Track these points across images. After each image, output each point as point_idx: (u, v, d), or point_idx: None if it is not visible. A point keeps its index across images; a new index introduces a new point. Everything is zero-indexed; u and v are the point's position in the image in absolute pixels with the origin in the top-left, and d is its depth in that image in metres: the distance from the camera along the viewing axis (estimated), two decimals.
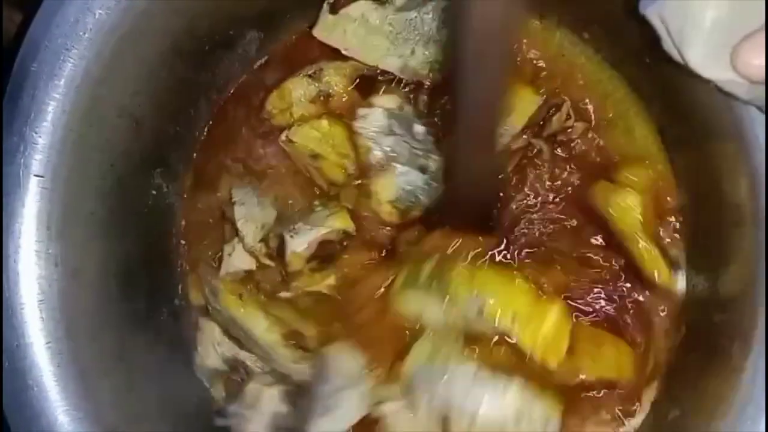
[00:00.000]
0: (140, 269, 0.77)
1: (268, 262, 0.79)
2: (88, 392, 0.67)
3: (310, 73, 0.82)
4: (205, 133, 0.85)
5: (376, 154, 0.78)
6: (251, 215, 0.80)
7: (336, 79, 0.82)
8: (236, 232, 0.80)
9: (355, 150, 0.79)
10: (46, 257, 0.66)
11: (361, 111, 0.78)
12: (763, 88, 0.54)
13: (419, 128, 0.78)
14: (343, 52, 0.81)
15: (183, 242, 0.85)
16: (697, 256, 0.78)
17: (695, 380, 0.72)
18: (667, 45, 0.57)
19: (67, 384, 0.66)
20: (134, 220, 0.77)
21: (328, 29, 0.80)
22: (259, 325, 0.77)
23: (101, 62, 0.67)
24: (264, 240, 0.79)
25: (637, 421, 0.76)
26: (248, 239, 0.79)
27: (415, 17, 0.79)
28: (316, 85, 0.82)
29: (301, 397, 0.76)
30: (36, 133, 0.66)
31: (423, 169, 0.78)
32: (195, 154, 0.85)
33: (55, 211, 0.67)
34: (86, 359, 0.68)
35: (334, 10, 0.80)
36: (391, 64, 0.81)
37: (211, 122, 0.85)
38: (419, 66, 0.81)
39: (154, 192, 0.80)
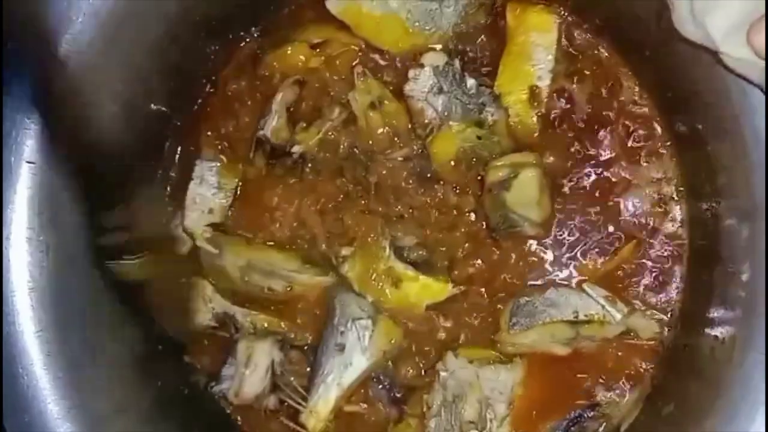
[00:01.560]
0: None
1: (205, 246, 0.79)
2: (78, 381, 0.66)
3: (315, 42, 0.81)
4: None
5: (429, 114, 0.76)
6: (202, 197, 0.80)
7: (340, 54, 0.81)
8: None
9: (409, 113, 0.78)
10: (37, 244, 0.66)
11: (411, 73, 0.76)
12: None
13: (471, 81, 0.77)
14: (353, 30, 0.79)
15: None
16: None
17: (689, 376, 0.72)
18: (680, 20, 0.56)
19: (56, 373, 0.65)
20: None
21: (342, 4, 0.78)
22: (277, 257, 0.79)
23: (94, 48, 0.67)
24: (211, 224, 0.79)
25: None
26: (189, 221, 0.80)
27: (436, 9, 0.78)
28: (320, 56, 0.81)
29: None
30: (28, 118, 0.65)
31: (479, 124, 0.77)
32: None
33: (47, 198, 0.66)
34: (76, 348, 0.67)
35: None
36: (401, 51, 0.79)
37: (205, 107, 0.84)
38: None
39: (148, 179, 0.80)
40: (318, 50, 0.81)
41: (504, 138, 0.78)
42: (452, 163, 0.78)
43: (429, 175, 0.79)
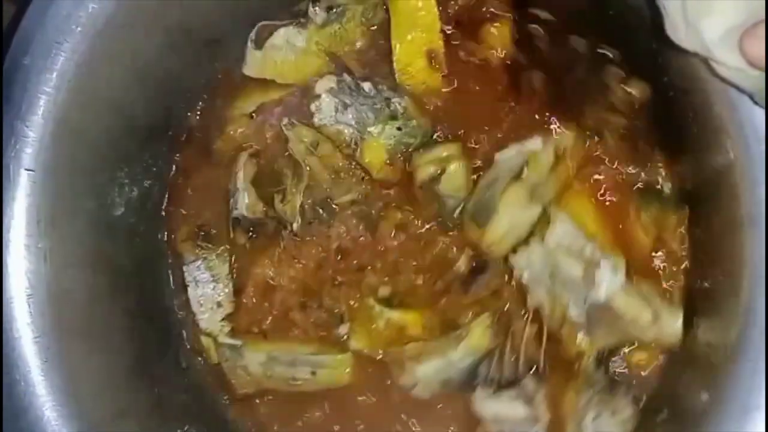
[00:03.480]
0: (130, 266, 0.77)
1: (229, 341, 0.80)
2: (75, 388, 0.67)
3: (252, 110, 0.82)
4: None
5: (347, 132, 0.79)
6: (205, 296, 0.81)
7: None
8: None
9: (330, 140, 0.79)
10: (35, 252, 0.66)
11: (313, 106, 0.79)
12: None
13: (366, 85, 0.79)
14: (279, 81, 0.81)
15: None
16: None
17: (684, 380, 0.73)
18: (673, 27, 0.56)
19: (53, 379, 0.66)
20: (125, 217, 0.77)
21: (257, 65, 0.80)
22: (293, 344, 0.80)
23: (93, 56, 0.67)
24: (225, 318, 0.80)
25: None
26: (204, 323, 0.81)
27: (339, 29, 0.80)
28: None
29: None
30: (27, 126, 0.66)
31: (393, 117, 0.79)
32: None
33: (46, 205, 0.67)
34: (74, 355, 0.68)
35: (258, 45, 0.80)
36: (328, 79, 0.80)
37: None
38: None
39: (144, 189, 0.80)
40: (256, 116, 0.82)
41: (420, 118, 0.79)
42: (389, 163, 0.79)
43: (373, 216, 0.80)
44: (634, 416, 0.75)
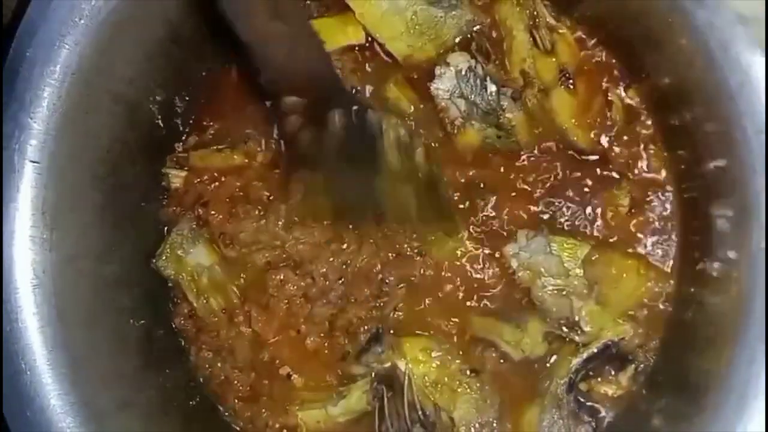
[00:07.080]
0: (135, 256, 0.78)
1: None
2: (80, 377, 0.67)
3: None
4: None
5: (453, 112, 0.80)
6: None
7: None
8: None
9: (435, 108, 0.80)
10: (41, 242, 0.67)
11: (437, 70, 0.79)
12: None
13: (492, 87, 0.79)
14: (357, 16, 0.81)
15: None
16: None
17: (682, 371, 0.73)
18: None
19: (59, 368, 0.66)
20: (129, 208, 0.77)
21: None
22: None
23: (97, 49, 0.67)
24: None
25: None
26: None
27: (441, 17, 0.80)
28: None
29: None
30: (31, 118, 0.66)
31: (499, 127, 0.80)
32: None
33: (51, 196, 0.67)
34: (79, 344, 0.68)
35: None
36: (397, 48, 0.81)
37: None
38: (421, 61, 0.81)
39: (148, 180, 0.80)
40: None
41: (523, 136, 0.80)
42: (476, 149, 0.81)
43: None
44: None
